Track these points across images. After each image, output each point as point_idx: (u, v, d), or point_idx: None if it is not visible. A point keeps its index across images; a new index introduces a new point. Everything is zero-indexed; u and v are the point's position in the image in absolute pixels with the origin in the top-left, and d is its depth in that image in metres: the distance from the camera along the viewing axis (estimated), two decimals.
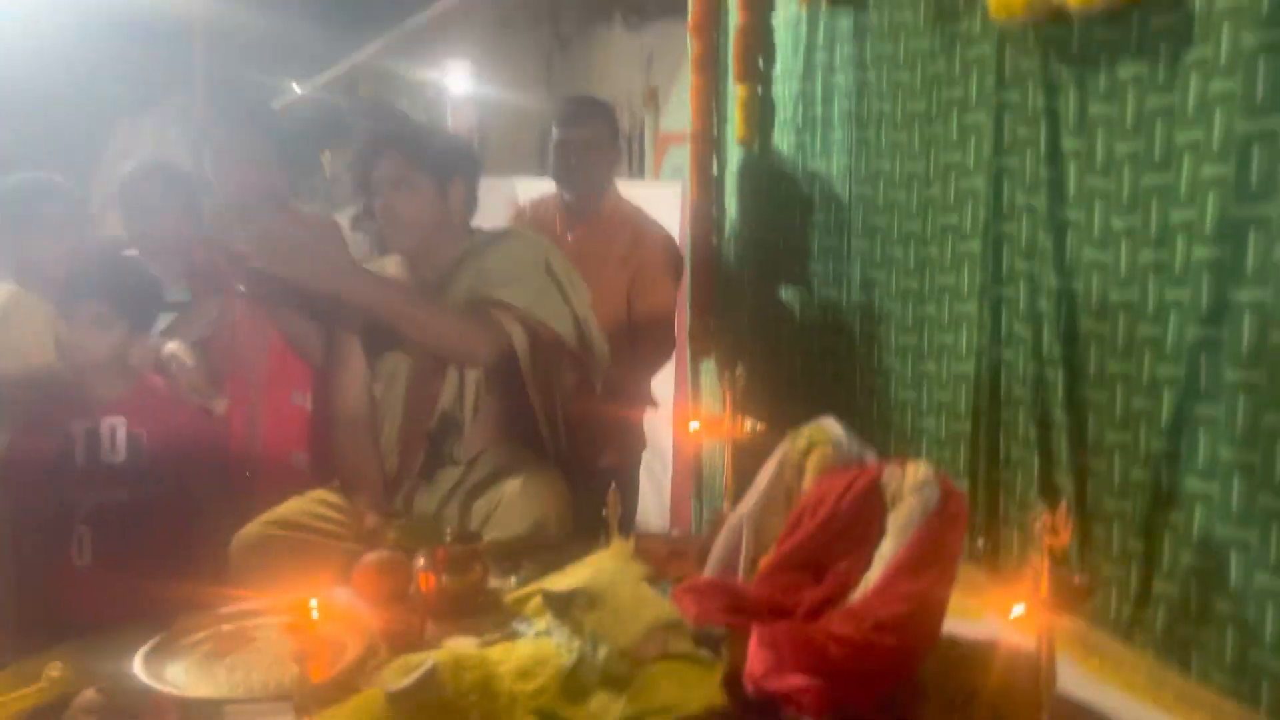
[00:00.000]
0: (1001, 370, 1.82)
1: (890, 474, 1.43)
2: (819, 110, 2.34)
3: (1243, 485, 1.40)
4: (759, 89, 2.60)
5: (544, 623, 1.34)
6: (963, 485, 1.86)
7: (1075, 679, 1.37)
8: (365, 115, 4.36)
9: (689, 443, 1.86)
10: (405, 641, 1.54)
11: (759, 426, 1.84)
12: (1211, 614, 1.44)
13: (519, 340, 1.98)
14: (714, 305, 2.76)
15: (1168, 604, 1.50)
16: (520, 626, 1.43)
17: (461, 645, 1.49)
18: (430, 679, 1.19)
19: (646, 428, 2.77)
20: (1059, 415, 1.68)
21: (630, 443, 2.69)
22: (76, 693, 1.98)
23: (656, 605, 1.27)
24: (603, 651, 1.22)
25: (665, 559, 1.87)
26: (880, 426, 2.11)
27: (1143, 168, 1.54)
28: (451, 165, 2.06)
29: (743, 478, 1.88)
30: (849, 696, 1.24)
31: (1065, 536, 1.11)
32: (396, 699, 1.18)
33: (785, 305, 2.48)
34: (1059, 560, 1.11)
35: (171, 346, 2.17)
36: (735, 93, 2.65)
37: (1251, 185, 1.38)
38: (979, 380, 1.85)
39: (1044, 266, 1.71)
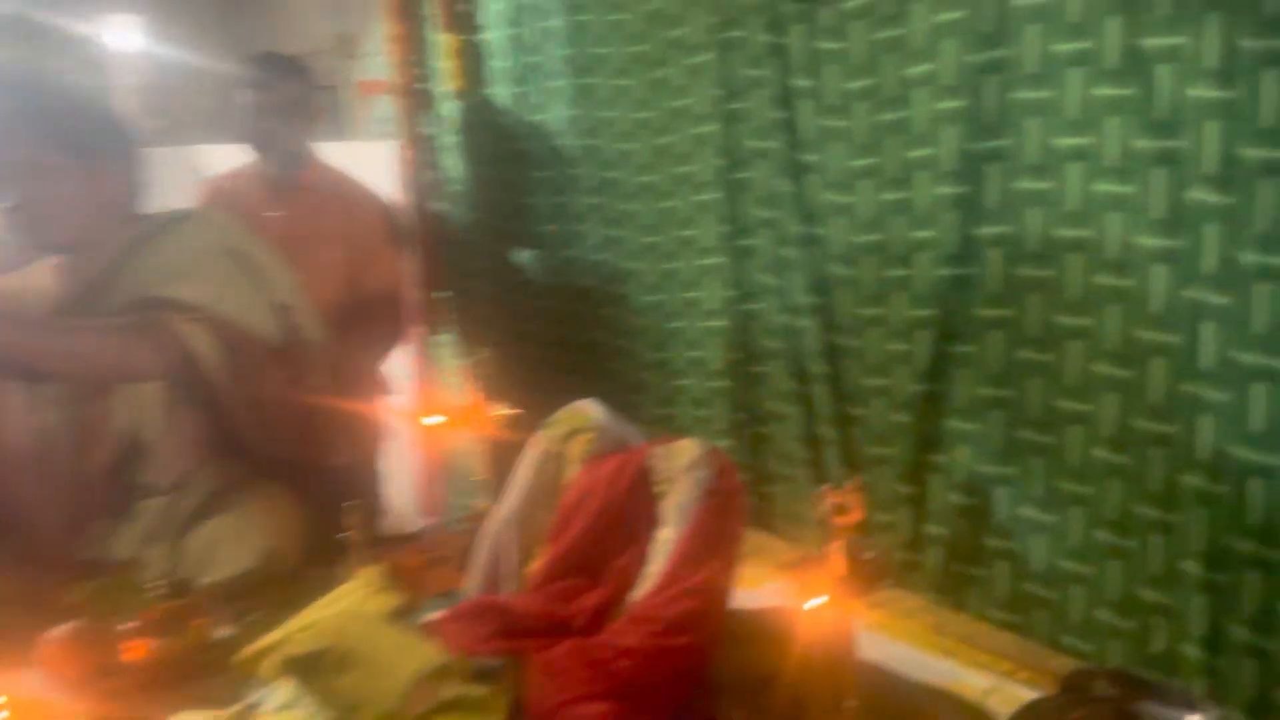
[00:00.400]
0: (753, 323, 1.75)
1: (657, 455, 1.32)
2: (536, 58, 2.17)
3: (1002, 421, 1.39)
4: (469, 36, 2.38)
5: (287, 690, 1.13)
6: (726, 444, 1.79)
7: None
8: None
9: (432, 435, 1.68)
10: None
11: (512, 411, 1.68)
12: (982, 551, 1.45)
13: (201, 344, 1.69)
14: (443, 276, 2.55)
15: (940, 545, 1.50)
16: (259, 695, 1.21)
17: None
18: None
19: (388, 415, 2.54)
20: (816, 365, 1.63)
21: (365, 436, 2.45)
22: None
23: (418, 650, 1.09)
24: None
25: (423, 571, 1.68)
26: (636, 391, 2.00)
27: (877, 106, 1.49)
28: (99, 142, 1.72)
29: (501, 469, 1.73)
30: (647, 712, 1.13)
31: (856, 515, 1.04)
32: None
33: (523, 272, 2.31)
34: (851, 540, 1.04)
35: None
36: (442, 41, 2.42)
37: (984, 119, 1.35)
38: (732, 335, 1.78)
39: (786, 213, 1.65)
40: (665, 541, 1.26)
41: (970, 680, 1.26)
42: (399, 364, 2.60)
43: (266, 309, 1.82)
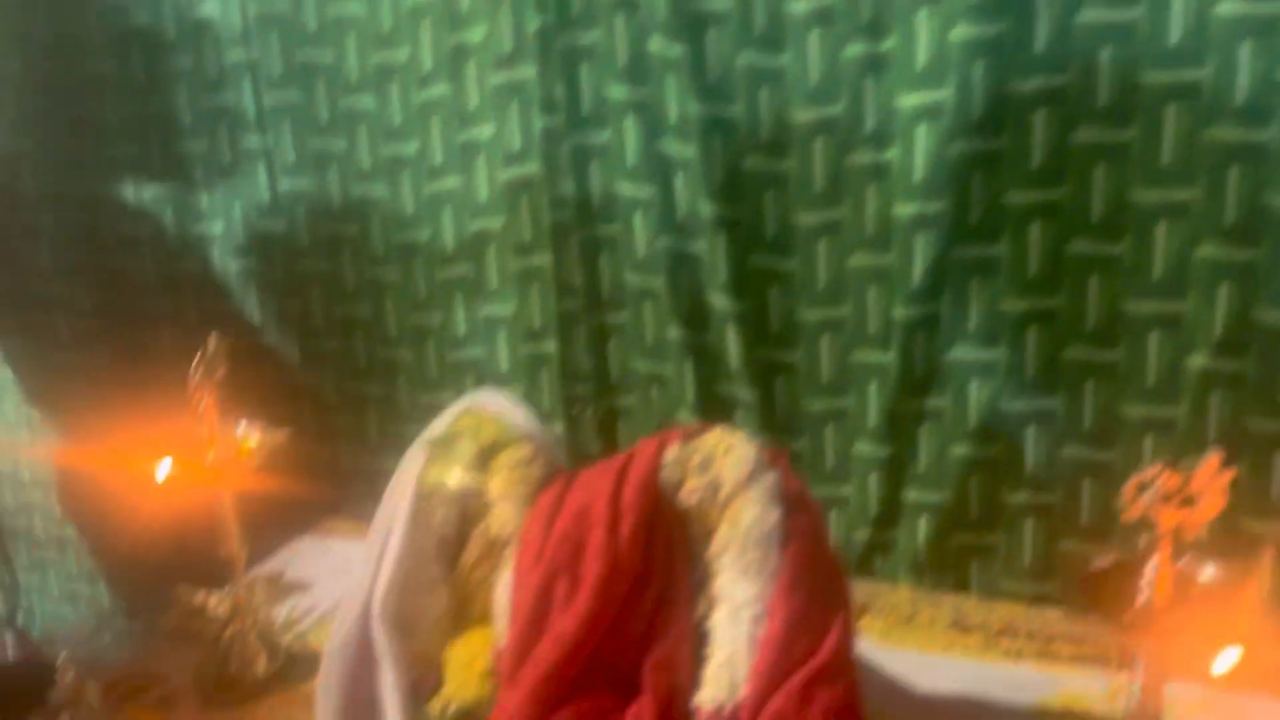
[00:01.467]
0: (602, 252, 1.24)
1: (679, 461, 0.81)
2: None
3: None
4: None
5: None
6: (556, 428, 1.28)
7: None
8: None
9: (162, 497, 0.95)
10: None
11: (272, 436, 1.02)
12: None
13: None
14: None
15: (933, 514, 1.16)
16: None
17: None
18: None
19: None
20: (719, 300, 1.18)
21: None
22: None
23: None
24: None
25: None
26: (386, 376, 1.39)
27: None
28: None
29: (259, 530, 1.07)
30: None
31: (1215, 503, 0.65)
32: None
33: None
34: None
35: None
36: None
37: None
38: (560, 273, 1.25)
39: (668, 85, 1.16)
40: (742, 603, 0.77)
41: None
42: None
43: None
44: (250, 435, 1.01)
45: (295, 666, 1.07)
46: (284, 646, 1.08)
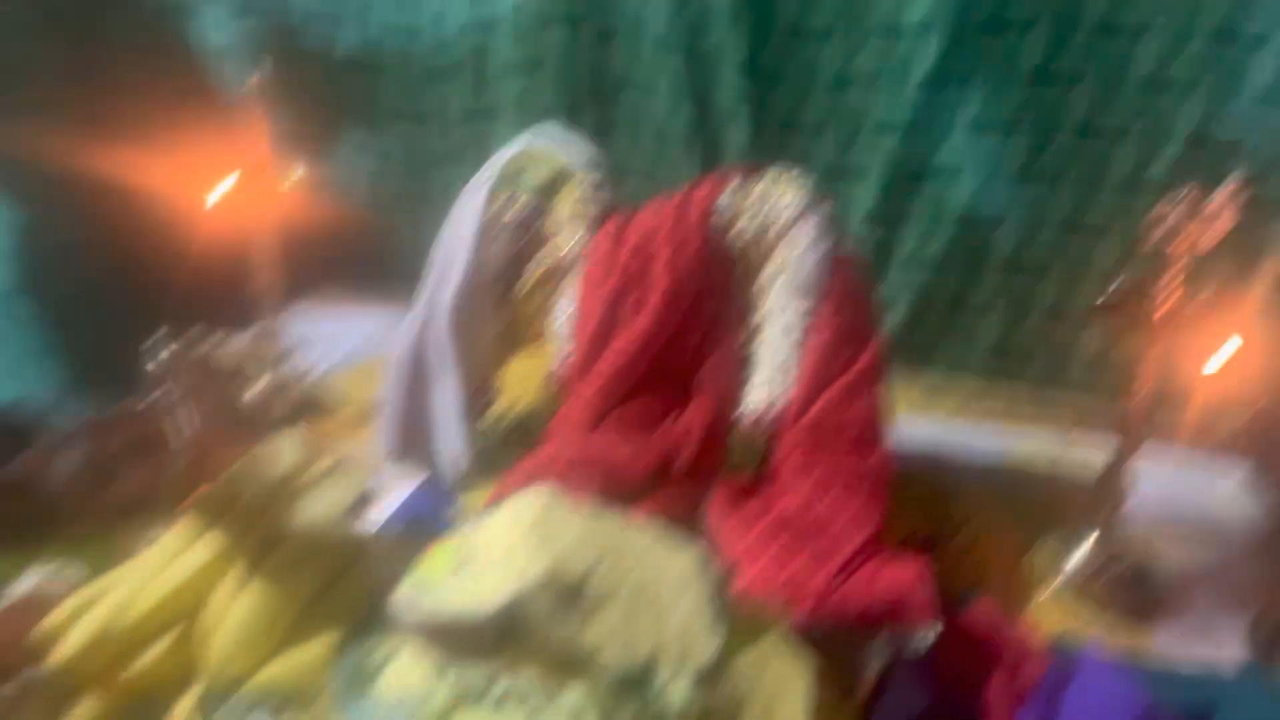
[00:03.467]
0: None
1: (733, 201, 0.88)
2: None
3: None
4: None
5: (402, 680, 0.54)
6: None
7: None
8: None
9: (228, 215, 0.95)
10: None
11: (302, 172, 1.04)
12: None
13: None
14: None
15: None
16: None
17: None
18: None
19: None
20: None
21: None
22: None
23: (677, 545, 0.58)
24: (673, 685, 0.53)
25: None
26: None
27: None
28: None
29: (296, 250, 1.09)
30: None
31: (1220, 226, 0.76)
32: None
33: None
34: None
35: None
36: None
37: None
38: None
39: None
40: (796, 315, 0.86)
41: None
42: None
43: None
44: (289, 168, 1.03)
45: (306, 411, 1.11)
46: (294, 393, 1.12)
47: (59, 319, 1.62)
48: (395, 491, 0.85)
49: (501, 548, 0.55)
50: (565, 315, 0.89)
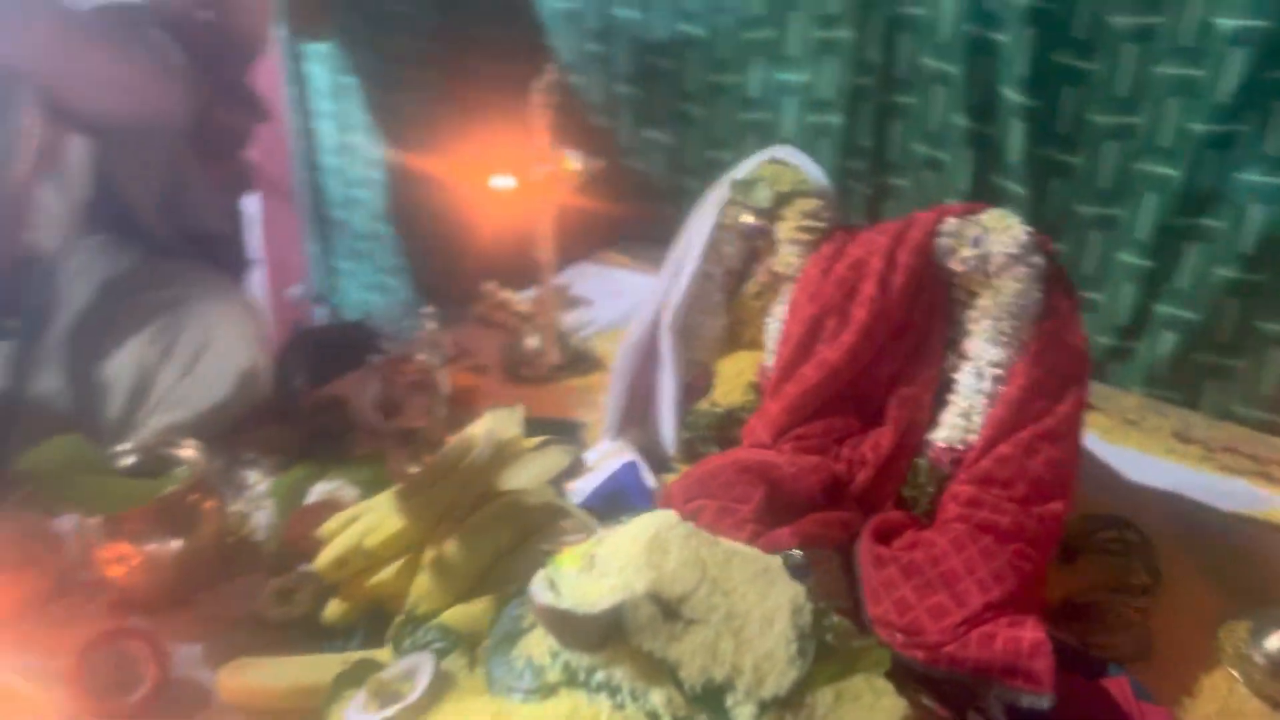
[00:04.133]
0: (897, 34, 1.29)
1: (955, 232, 0.90)
2: None
3: None
4: None
5: (537, 655, 0.67)
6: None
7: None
8: None
9: (499, 204, 1.13)
10: (136, 706, 0.77)
11: (590, 164, 1.17)
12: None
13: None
14: None
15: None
16: (414, 661, 0.73)
17: (263, 673, 0.77)
18: None
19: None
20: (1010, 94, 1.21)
21: (235, 186, 1.78)
22: None
23: (780, 579, 0.66)
24: (740, 709, 0.61)
25: (474, 392, 1.20)
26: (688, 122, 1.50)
27: None
28: None
29: (568, 241, 1.24)
30: (1033, 610, 0.78)
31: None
32: None
33: None
34: None
35: None
36: None
37: None
38: (855, 49, 1.31)
39: None
40: (989, 364, 0.87)
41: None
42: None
43: None
44: (573, 160, 1.16)
45: (579, 363, 1.27)
46: (571, 345, 1.28)
47: (409, 249, 1.92)
48: (604, 467, 0.97)
49: (619, 559, 0.65)
50: (774, 327, 0.96)
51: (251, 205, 2.20)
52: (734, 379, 1.00)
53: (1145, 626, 0.85)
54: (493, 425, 0.91)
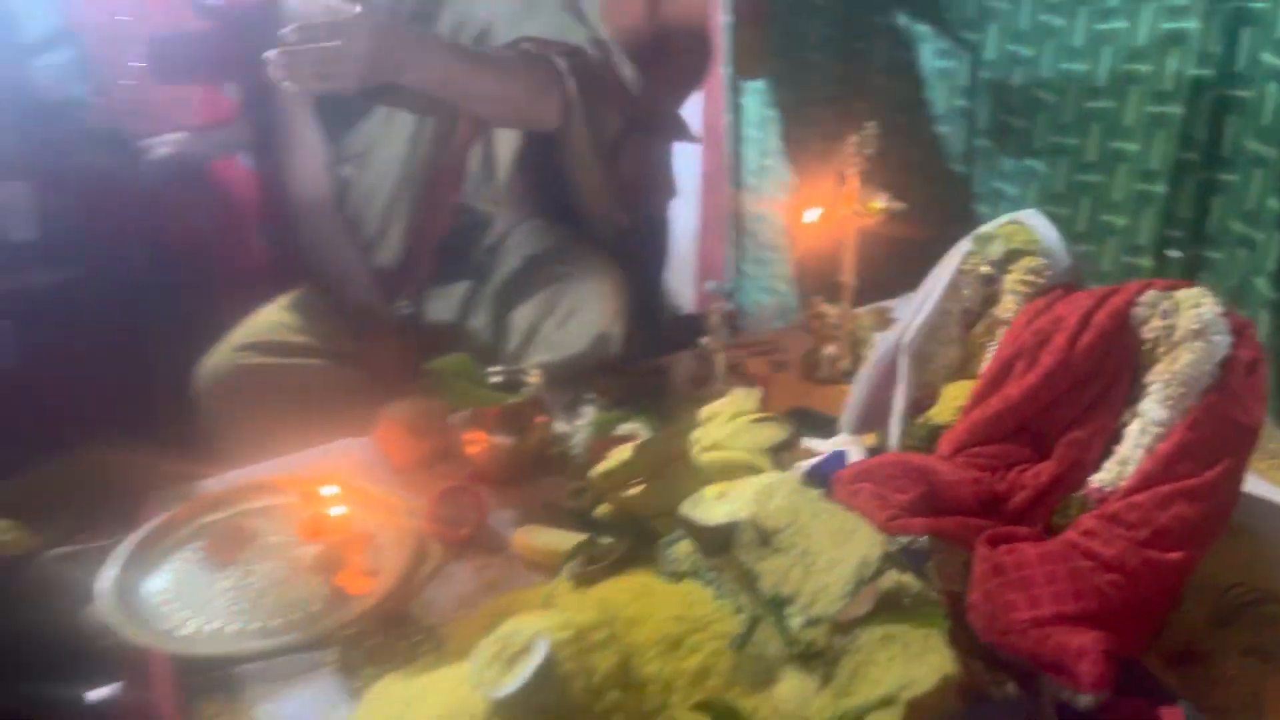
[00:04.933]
0: (1227, 113, 1.33)
1: (1146, 302, 1.00)
2: None
3: None
4: None
5: (682, 551, 0.94)
6: (1144, 267, 1.45)
7: None
8: None
9: (806, 231, 1.40)
10: (463, 533, 1.15)
11: (894, 205, 1.38)
12: None
13: (571, 85, 1.46)
14: (764, 6, 2.17)
15: None
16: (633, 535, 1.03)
17: (546, 538, 1.11)
18: (549, 672, 0.81)
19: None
20: None
21: (660, 191, 2.20)
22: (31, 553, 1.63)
23: (859, 541, 0.87)
24: (793, 619, 0.84)
25: (766, 379, 1.47)
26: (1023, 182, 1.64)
27: None
28: None
29: (867, 271, 1.45)
30: (1123, 647, 0.89)
31: None
32: (505, 707, 0.80)
33: (898, 37, 1.89)
34: None
35: None
36: None
37: None
38: (1187, 122, 1.37)
39: None
40: (1153, 423, 0.97)
41: None
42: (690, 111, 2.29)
43: (589, 40, 1.54)
44: (879, 200, 1.38)
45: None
46: (864, 357, 1.49)
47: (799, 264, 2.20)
48: (824, 450, 1.20)
49: (741, 495, 0.90)
50: (985, 364, 1.12)
51: (688, 211, 2.65)
52: (950, 401, 1.17)
53: (1262, 688, 0.91)
54: (736, 399, 1.18)
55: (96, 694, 1.39)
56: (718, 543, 0.89)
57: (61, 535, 1.56)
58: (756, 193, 2.34)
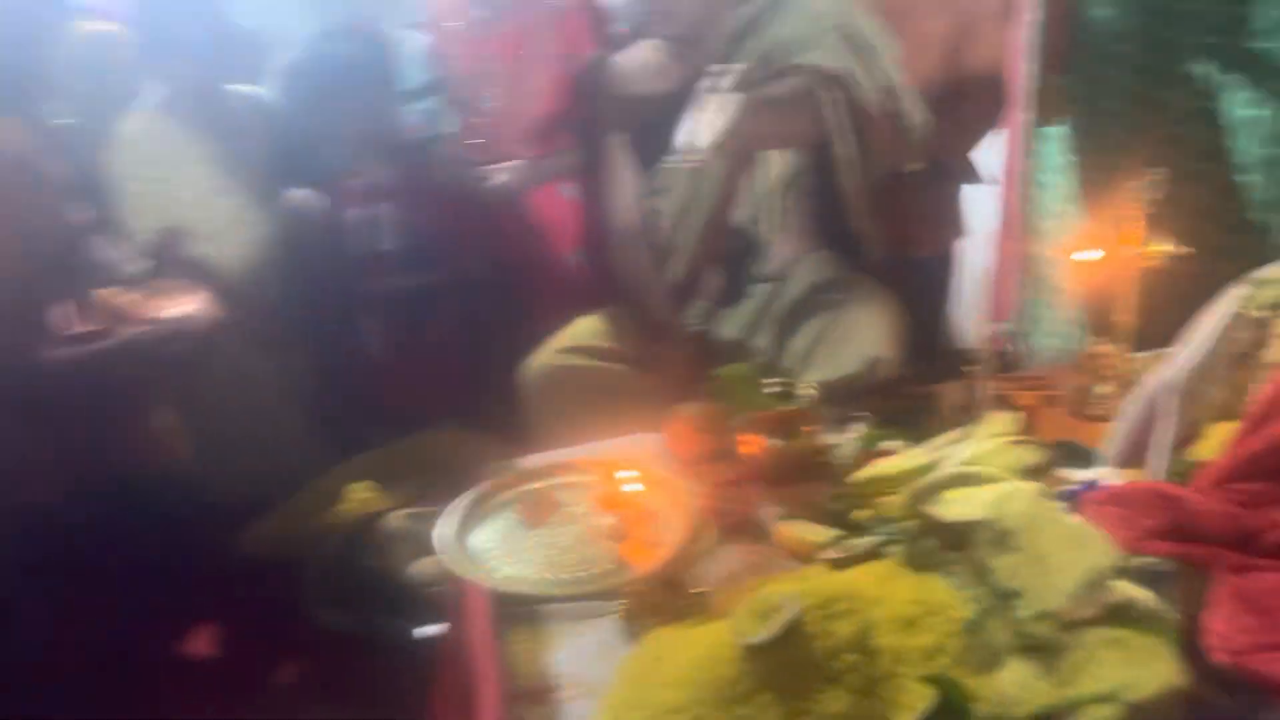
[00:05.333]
0: None
1: None
2: None
3: None
4: None
5: (924, 545, 1.05)
6: None
7: None
8: None
9: (1081, 272, 1.45)
10: (733, 520, 1.31)
11: (1178, 250, 1.40)
12: None
13: (841, 118, 1.59)
14: (1064, 56, 2.20)
15: None
16: (884, 533, 1.15)
17: (805, 531, 1.24)
18: (796, 629, 0.94)
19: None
20: None
21: (948, 230, 2.27)
22: (382, 513, 1.96)
23: (1090, 547, 0.94)
24: (1021, 610, 0.92)
25: (1036, 411, 1.52)
26: None
27: None
28: None
29: (1148, 314, 1.48)
30: None
31: None
32: (755, 653, 0.94)
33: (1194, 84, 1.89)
34: None
35: None
36: None
37: None
38: None
39: None
40: None
41: None
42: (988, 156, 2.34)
43: (877, 85, 1.67)
44: (1156, 243, 1.41)
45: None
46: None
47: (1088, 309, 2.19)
48: (1077, 477, 1.25)
49: (982, 498, 1.00)
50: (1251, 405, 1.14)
51: (982, 252, 2.68)
52: (1215, 440, 1.19)
53: None
54: (994, 422, 1.26)
55: (424, 630, 1.67)
56: (957, 538, 0.99)
57: (408, 498, 1.88)
58: (1050, 238, 2.35)
